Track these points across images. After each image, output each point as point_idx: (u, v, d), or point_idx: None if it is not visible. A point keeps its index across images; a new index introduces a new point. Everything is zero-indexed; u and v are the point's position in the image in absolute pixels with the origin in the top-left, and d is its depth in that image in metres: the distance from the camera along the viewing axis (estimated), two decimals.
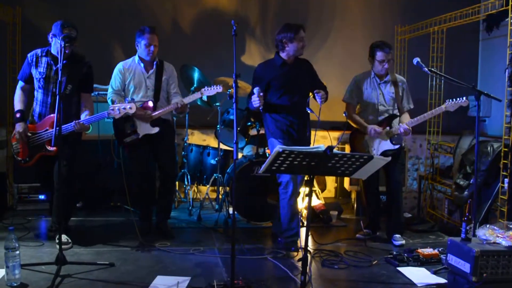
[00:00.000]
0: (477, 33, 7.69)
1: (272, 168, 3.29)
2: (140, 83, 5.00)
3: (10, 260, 3.68)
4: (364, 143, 5.15)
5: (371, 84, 5.18)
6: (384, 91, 5.16)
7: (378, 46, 5.08)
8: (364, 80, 5.21)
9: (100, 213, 5.94)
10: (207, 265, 4.34)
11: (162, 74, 5.04)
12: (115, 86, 5.02)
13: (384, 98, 5.15)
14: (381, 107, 5.15)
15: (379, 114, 5.15)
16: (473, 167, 5.40)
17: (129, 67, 5.04)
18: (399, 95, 5.17)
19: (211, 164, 6.11)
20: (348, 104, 5.28)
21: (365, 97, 5.17)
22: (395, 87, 5.16)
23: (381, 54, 5.04)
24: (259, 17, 7.20)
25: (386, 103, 5.15)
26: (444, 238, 5.42)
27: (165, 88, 5.07)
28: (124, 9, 6.94)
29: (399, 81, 5.22)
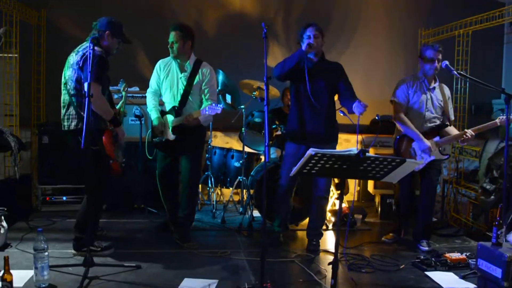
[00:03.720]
0: (501, 36, 7.62)
1: (303, 171, 3.28)
2: (172, 83, 4.94)
3: (39, 261, 3.71)
4: (412, 150, 5.01)
5: (420, 88, 5.03)
6: (433, 96, 5.04)
7: (427, 45, 5.02)
8: (414, 83, 5.05)
9: (124, 215, 5.97)
10: (234, 268, 4.33)
11: (195, 77, 4.90)
12: (152, 85, 5.07)
13: (432, 104, 5.03)
14: (428, 113, 5.01)
15: (425, 120, 5.02)
16: (500, 171, 5.35)
17: (165, 64, 5.02)
18: (446, 103, 5.08)
19: (235, 166, 6.10)
20: (398, 105, 5.05)
21: (413, 101, 5.02)
22: (443, 95, 5.07)
23: (430, 52, 4.91)
24: (282, 21, 7.20)
25: (435, 109, 5.04)
26: (470, 242, 5.36)
27: (197, 92, 4.94)
28: (148, 13, 6.98)
29: (445, 90, 5.14)
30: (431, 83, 5.05)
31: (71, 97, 4.28)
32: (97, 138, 4.30)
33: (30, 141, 6.49)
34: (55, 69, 6.44)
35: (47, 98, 6.57)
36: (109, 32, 4.39)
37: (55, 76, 6.43)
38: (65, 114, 4.35)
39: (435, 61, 4.91)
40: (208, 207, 6.49)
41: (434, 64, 4.92)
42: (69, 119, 4.31)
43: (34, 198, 6.24)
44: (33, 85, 6.46)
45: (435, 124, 5.04)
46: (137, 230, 5.44)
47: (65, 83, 4.36)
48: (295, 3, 7.33)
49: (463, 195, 6.51)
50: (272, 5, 7.30)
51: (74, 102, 4.28)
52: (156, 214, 5.93)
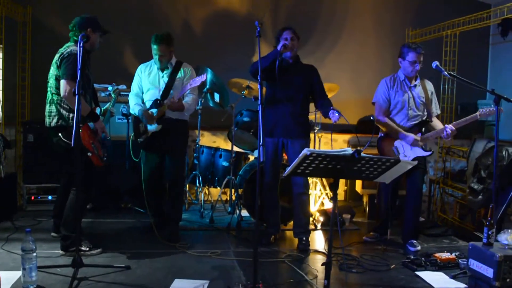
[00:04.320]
0: (487, 37, 7.69)
1: (297, 171, 3.26)
2: (154, 82, 5.06)
3: (27, 262, 3.63)
4: (394, 149, 5.04)
5: (401, 87, 5.07)
6: (414, 95, 5.06)
7: (409, 47, 4.98)
8: (395, 83, 5.09)
9: (111, 214, 5.89)
10: (224, 268, 4.30)
11: (177, 73, 5.03)
12: (134, 88, 5.17)
13: (415, 102, 5.05)
14: (411, 111, 5.04)
15: (409, 118, 5.05)
16: (487, 171, 5.39)
17: (146, 67, 5.15)
18: (428, 100, 5.09)
19: (223, 166, 6.07)
20: (379, 106, 5.11)
21: (395, 101, 5.06)
22: (425, 92, 5.09)
23: (413, 54, 4.93)
24: (271, 19, 7.16)
25: (417, 107, 5.06)
26: (458, 242, 5.40)
27: (178, 88, 5.01)
28: (135, 10, 6.91)
29: (427, 85, 5.15)
30: (412, 82, 5.09)
31: (52, 94, 4.40)
32: None
33: (15, 139, 6.38)
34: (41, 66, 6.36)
35: (32, 96, 6.47)
36: (90, 29, 4.44)
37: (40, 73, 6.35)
38: (48, 111, 4.45)
39: (417, 63, 4.95)
40: (196, 206, 6.45)
41: (416, 67, 4.96)
42: (50, 116, 4.43)
43: (19, 197, 6.14)
44: (18, 82, 6.35)
45: (417, 121, 5.06)
46: (125, 230, 5.39)
47: (48, 82, 4.47)
48: (283, 2, 7.31)
49: (450, 195, 6.56)
50: (260, 4, 7.27)
51: (55, 100, 4.38)
52: (143, 213, 5.86)
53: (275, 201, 5.10)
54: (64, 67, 4.23)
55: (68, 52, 4.29)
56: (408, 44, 5.05)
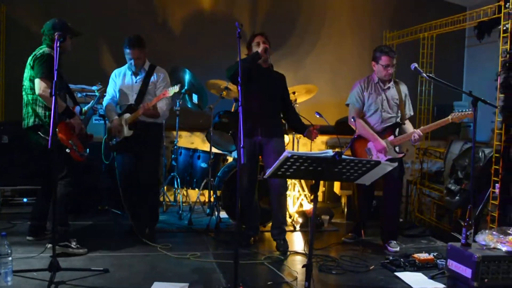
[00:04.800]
0: (463, 39, 7.79)
1: (278, 173, 3.25)
2: (128, 87, 5.07)
3: (2, 266, 3.58)
4: (367, 150, 5.06)
5: (375, 90, 5.09)
6: (388, 97, 5.09)
7: (382, 51, 5.00)
8: (368, 85, 5.11)
9: (88, 216, 5.79)
10: (204, 270, 4.27)
11: (150, 77, 5.04)
12: (109, 92, 5.17)
13: (388, 104, 5.08)
14: (385, 113, 5.06)
15: (383, 120, 5.07)
16: (464, 172, 5.46)
17: (119, 73, 5.16)
18: (402, 101, 5.12)
19: (201, 167, 6.04)
20: (352, 108, 5.13)
21: (369, 103, 5.08)
22: (399, 93, 5.12)
23: (386, 58, 4.96)
24: (249, 20, 7.14)
25: (391, 109, 5.09)
26: (436, 242, 5.45)
27: (152, 92, 5.03)
28: (111, 9, 6.82)
29: (401, 86, 5.18)
30: (386, 84, 5.11)
31: (27, 95, 4.47)
32: None
33: None
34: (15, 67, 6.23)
35: (6, 96, 6.35)
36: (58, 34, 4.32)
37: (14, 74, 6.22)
38: (24, 113, 4.52)
39: (390, 66, 4.98)
40: (174, 208, 6.41)
41: (389, 70, 4.99)
42: (27, 117, 4.48)
43: None
44: None
45: (390, 124, 5.09)
46: (103, 232, 5.34)
47: (23, 85, 4.54)
48: (261, 4, 7.30)
49: (427, 195, 6.62)
50: (239, 6, 7.24)
51: (30, 100, 4.45)
52: (120, 215, 5.80)
53: (253, 202, 5.07)
54: (37, 67, 4.31)
55: (41, 52, 4.39)
56: (381, 48, 5.08)
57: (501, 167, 5.02)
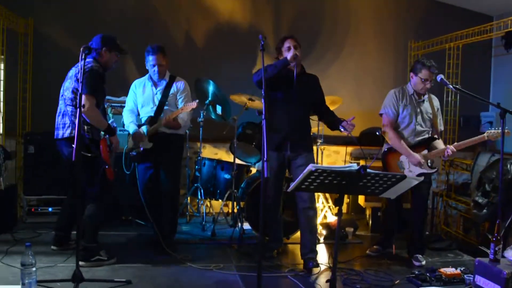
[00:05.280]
0: (489, 49, 7.67)
1: (302, 186, 3.22)
2: (148, 98, 5.08)
3: (26, 277, 3.58)
4: (399, 163, 4.98)
5: (410, 101, 5.00)
6: (422, 110, 5.00)
7: (424, 64, 4.85)
8: (403, 97, 5.01)
9: (111, 227, 5.79)
10: (226, 283, 4.25)
11: (170, 89, 5.05)
12: (128, 105, 5.20)
13: (422, 117, 5.00)
14: (418, 127, 4.99)
15: (416, 134, 4.99)
16: (492, 184, 5.34)
17: (140, 84, 5.17)
18: (435, 115, 5.04)
19: (225, 178, 6.02)
20: (387, 118, 5.03)
21: (404, 115, 4.99)
22: (432, 108, 5.04)
23: (426, 73, 4.84)
24: (273, 31, 7.14)
25: (424, 123, 5.02)
26: (462, 256, 5.34)
27: (172, 103, 5.05)
28: (137, 22, 6.88)
29: (434, 100, 5.10)
30: (421, 97, 5.02)
31: (67, 106, 4.45)
32: (93, 146, 4.42)
33: (15, 150, 6.34)
34: (42, 78, 6.39)
35: (33, 107, 6.43)
36: (105, 48, 4.52)
37: (41, 85, 6.37)
38: (60, 122, 4.50)
39: (428, 81, 4.88)
40: (197, 219, 6.39)
41: (428, 84, 4.90)
42: (64, 127, 4.46)
43: (19, 209, 6.08)
44: (19, 94, 6.32)
45: (424, 138, 5.01)
46: (126, 243, 5.34)
47: (62, 94, 4.52)
48: (285, 14, 7.29)
49: (453, 208, 6.51)
50: (262, 17, 7.25)
51: (69, 112, 4.43)
52: (144, 226, 5.81)
53: (278, 215, 5.02)
54: (84, 82, 4.16)
55: (89, 67, 4.33)
56: (423, 60, 4.92)
57: None
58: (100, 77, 4.39)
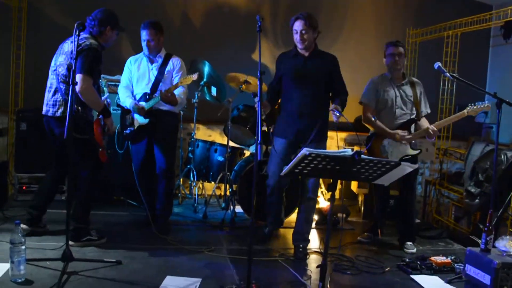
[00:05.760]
0: (487, 38, 7.63)
1: (295, 171, 3.19)
2: (143, 75, 5.01)
3: (15, 255, 3.56)
4: (382, 148, 5.00)
5: (388, 86, 5.05)
6: (402, 93, 5.03)
7: (389, 42, 5.04)
8: (382, 82, 5.07)
9: (103, 207, 5.75)
10: (217, 266, 4.23)
11: (166, 66, 4.97)
12: (123, 81, 5.10)
13: (402, 101, 5.03)
14: (399, 110, 5.01)
15: (396, 117, 5.01)
16: (485, 174, 5.34)
17: (136, 60, 5.09)
18: (417, 99, 5.05)
19: (218, 161, 5.99)
20: (366, 106, 5.08)
21: (383, 100, 5.02)
22: (413, 90, 5.05)
23: (390, 48, 4.97)
24: (270, 15, 7.07)
25: (405, 106, 5.03)
26: (453, 245, 5.35)
27: (168, 81, 4.96)
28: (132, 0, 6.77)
29: (417, 84, 5.11)
30: (400, 81, 5.06)
31: (60, 83, 4.26)
32: (87, 127, 4.29)
33: (7, 127, 6.28)
34: (36, 54, 6.29)
35: (26, 84, 6.35)
36: (109, 27, 4.38)
37: (35, 61, 6.28)
38: (50, 99, 4.31)
39: (395, 55, 4.94)
40: (189, 201, 6.38)
41: (394, 58, 4.95)
42: (55, 105, 4.29)
43: (10, 186, 6.04)
44: (12, 69, 6.24)
45: (404, 121, 5.02)
46: (117, 224, 5.30)
47: (54, 69, 4.32)
48: None
49: (446, 196, 6.51)
50: None
51: (62, 89, 4.25)
52: (136, 206, 5.77)
53: (279, 204, 4.94)
54: (82, 60, 4.07)
55: (88, 44, 4.14)
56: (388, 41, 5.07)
57: None
58: (99, 56, 4.24)
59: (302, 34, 4.48)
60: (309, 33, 4.50)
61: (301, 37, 4.50)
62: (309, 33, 4.50)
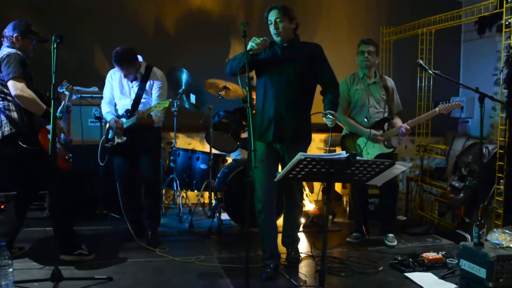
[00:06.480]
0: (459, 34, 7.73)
1: (289, 176, 3.16)
2: (124, 92, 4.93)
3: (2, 278, 3.44)
4: (357, 146, 5.07)
5: (360, 85, 5.09)
6: (374, 92, 5.07)
7: (360, 41, 5.12)
8: (354, 81, 5.12)
9: (86, 221, 5.60)
10: (210, 276, 4.17)
11: (147, 81, 4.86)
12: (106, 97, 5.02)
13: (375, 99, 5.07)
14: (372, 109, 5.05)
15: (370, 116, 5.01)
16: (468, 168, 5.40)
17: (115, 75, 4.97)
18: (389, 97, 5.11)
19: (201, 169, 5.91)
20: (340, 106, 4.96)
21: (355, 99, 5.06)
22: (386, 89, 5.11)
23: (362, 45, 5.05)
24: (244, 16, 7.01)
25: (378, 104, 5.07)
26: (441, 240, 5.37)
27: (149, 95, 4.89)
28: (104, 10, 6.65)
29: (389, 83, 5.18)
30: (371, 79, 5.11)
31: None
32: (33, 138, 4.09)
33: None
34: None
35: None
36: (17, 34, 4.17)
37: None
38: None
39: (365, 53, 5.01)
40: (173, 211, 6.28)
41: (364, 56, 5.01)
42: (1, 126, 4.09)
43: None
44: None
45: (378, 120, 5.06)
46: (102, 238, 5.19)
47: None
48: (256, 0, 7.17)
49: (428, 192, 6.56)
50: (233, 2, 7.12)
51: (1, 108, 4.09)
52: (120, 219, 5.65)
53: (272, 221, 4.34)
54: (7, 67, 3.95)
55: (6, 54, 4.03)
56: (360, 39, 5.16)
57: (505, 163, 4.98)
58: (22, 59, 4.05)
59: (276, 23, 4.08)
60: (284, 23, 4.10)
61: (275, 27, 4.09)
62: (284, 23, 4.10)
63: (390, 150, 5.05)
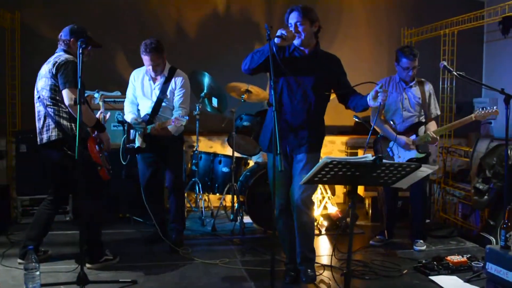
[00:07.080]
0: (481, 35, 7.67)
1: (315, 179, 3.15)
2: (146, 94, 4.94)
3: (30, 281, 3.52)
4: (389, 149, 5.04)
5: (396, 89, 5.04)
6: (409, 96, 5.02)
7: (402, 53, 4.90)
8: (390, 84, 5.06)
9: (109, 225, 5.63)
10: (234, 279, 4.18)
11: (169, 85, 4.86)
12: (129, 96, 5.05)
13: (409, 103, 5.01)
14: (406, 112, 5.01)
15: (404, 120, 5.00)
16: (492, 171, 5.33)
17: (138, 76, 4.99)
18: (425, 101, 5.04)
19: (223, 172, 5.93)
20: (374, 108, 4.79)
21: (389, 102, 4.99)
22: (422, 93, 5.04)
23: (405, 61, 4.89)
24: (265, 19, 7.01)
25: (412, 108, 5.02)
26: (465, 243, 5.33)
27: (171, 100, 4.90)
28: (126, 14, 6.73)
29: (426, 86, 5.10)
30: (408, 83, 5.05)
31: (47, 107, 4.13)
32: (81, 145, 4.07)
33: (6, 149, 6.18)
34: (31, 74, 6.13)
35: (22, 105, 6.25)
36: (73, 39, 4.21)
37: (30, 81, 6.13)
38: (42, 126, 4.18)
39: (410, 69, 4.92)
40: (196, 214, 6.31)
41: (410, 72, 4.94)
42: (48, 131, 4.14)
43: (12, 210, 5.94)
44: (8, 91, 6.15)
45: (412, 123, 5.02)
46: (126, 241, 5.23)
47: (38, 96, 4.21)
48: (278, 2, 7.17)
49: (451, 195, 6.49)
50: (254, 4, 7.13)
51: (51, 113, 4.12)
52: (142, 223, 5.70)
53: (291, 225, 4.09)
54: (64, 76, 4.00)
55: (64, 60, 4.07)
56: (402, 49, 4.98)
57: None
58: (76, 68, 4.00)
59: (297, 26, 3.86)
60: (305, 26, 3.88)
61: (296, 30, 3.85)
62: (305, 26, 3.88)
63: (423, 155, 4.98)
